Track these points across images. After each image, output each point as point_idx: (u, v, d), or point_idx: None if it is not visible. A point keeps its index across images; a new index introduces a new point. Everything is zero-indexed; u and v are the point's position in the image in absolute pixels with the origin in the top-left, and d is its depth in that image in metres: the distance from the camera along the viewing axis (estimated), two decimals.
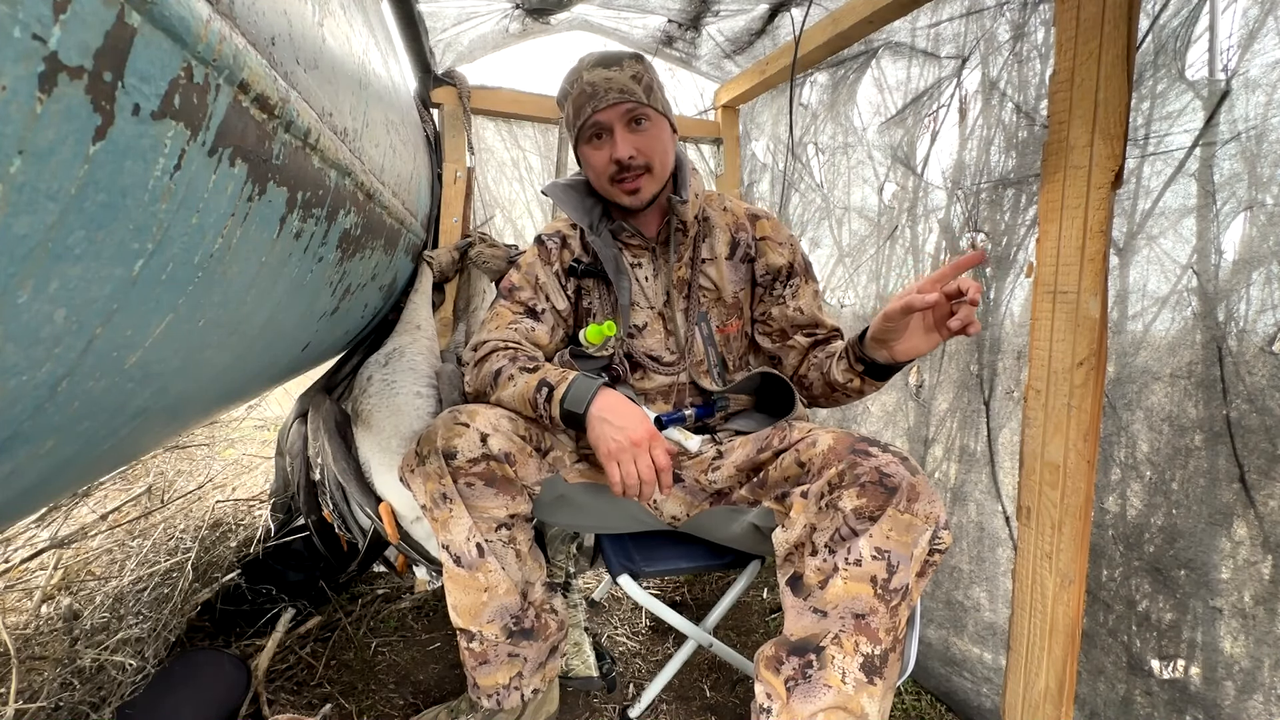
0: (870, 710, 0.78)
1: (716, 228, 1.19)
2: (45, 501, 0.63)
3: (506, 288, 1.19)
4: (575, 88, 1.05)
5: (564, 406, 0.95)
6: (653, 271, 1.18)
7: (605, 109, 1.02)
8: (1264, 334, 0.81)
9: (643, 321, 1.18)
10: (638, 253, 1.18)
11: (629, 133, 1.04)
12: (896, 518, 0.78)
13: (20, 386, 0.39)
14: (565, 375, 0.99)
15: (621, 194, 1.08)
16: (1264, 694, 0.82)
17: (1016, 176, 1.12)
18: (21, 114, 0.29)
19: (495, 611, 0.98)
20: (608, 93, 1.02)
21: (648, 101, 1.04)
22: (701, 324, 1.17)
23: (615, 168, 1.05)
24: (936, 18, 1.29)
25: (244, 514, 1.60)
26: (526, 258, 1.21)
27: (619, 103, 1.02)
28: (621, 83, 1.03)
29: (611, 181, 1.07)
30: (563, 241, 1.21)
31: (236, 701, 1.07)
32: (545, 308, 1.17)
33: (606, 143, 1.05)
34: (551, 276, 1.19)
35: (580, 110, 1.04)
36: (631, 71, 1.04)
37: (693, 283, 1.17)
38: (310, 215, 0.69)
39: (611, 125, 1.03)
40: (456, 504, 0.94)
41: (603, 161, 1.06)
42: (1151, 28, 0.93)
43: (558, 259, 1.20)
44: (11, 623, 1.07)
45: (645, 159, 1.05)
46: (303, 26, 0.62)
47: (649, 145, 1.05)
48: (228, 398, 0.88)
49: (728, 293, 1.17)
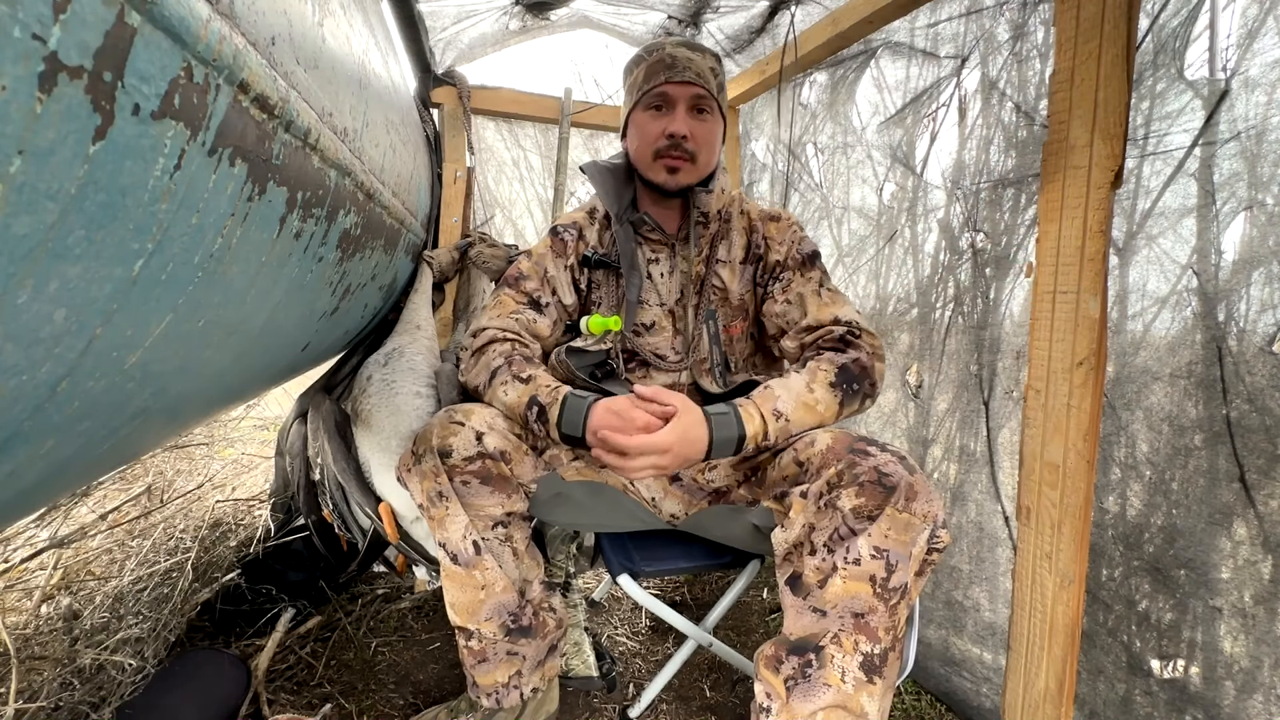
0: (870, 709, 0.78)
1: (734, 231, 1.18)
2: (45, 501, 0.63)
3: (513, 275, 1.18)
4: (653, 56, 1.06)
5: (562, 431, 0.94)
6: (669, 268, 1.18)
7: (678, 83, 1.04)
8: (1264, 334, 0.81)
9: (650, 320, 1.18)
10: (656, 248, 1.18)
11: (690, 116, 1.05)
12: (895, 517, 0.78)
13: (20, 386, 0.39)
14: (556, 394, 0.96)
15: (661, 169, 1.07)
16: (1264, 694, 0.82)
17: (1016, 176, 1.12)
18: (21, 114, 0.29)
19: (493, 609, 0.98)
20: (685, 69, 1.04)
21: (716, 96, 1.07)
22: (709, 322, 1.16)
23: (666, 141, 1.05)
24: (936, 17, 1.29)
25: (244, 514, 1.60)
26: (539, 248, 1.20)
27: (692, 83, 1.04)
28: (700, 67, 1.05)
29: (656, 155, 1.07)
30: (579, 233, 1.20)
31: (236, 701, 1.07)
32: (550, 302, 1.16)
33: (666, 115, 1.06)
34: (562, 271, 1.18)
35: (652, 76, 1.05)
36: (711, 63, 1.07)
37: (706, 280, 1.16)
38: (310, 215, 0.69)
39: (676, 101, 1.05)
40: (452, 502, 0.94)
41: (656, 131, 1.06)
42: (1151, 27, 0.93)
43: (573, 251, 1.19)
44: (11, 623, 1.06)
45: (695, 146, 1.06)
46: (303, 26, 0.62)
47: (703, 135, 1.06)
48: (227, 398, 0.88)
49: (734, 295, 1.17)
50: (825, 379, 0.97)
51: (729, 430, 0.92)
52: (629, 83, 1.12)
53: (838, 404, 0.97)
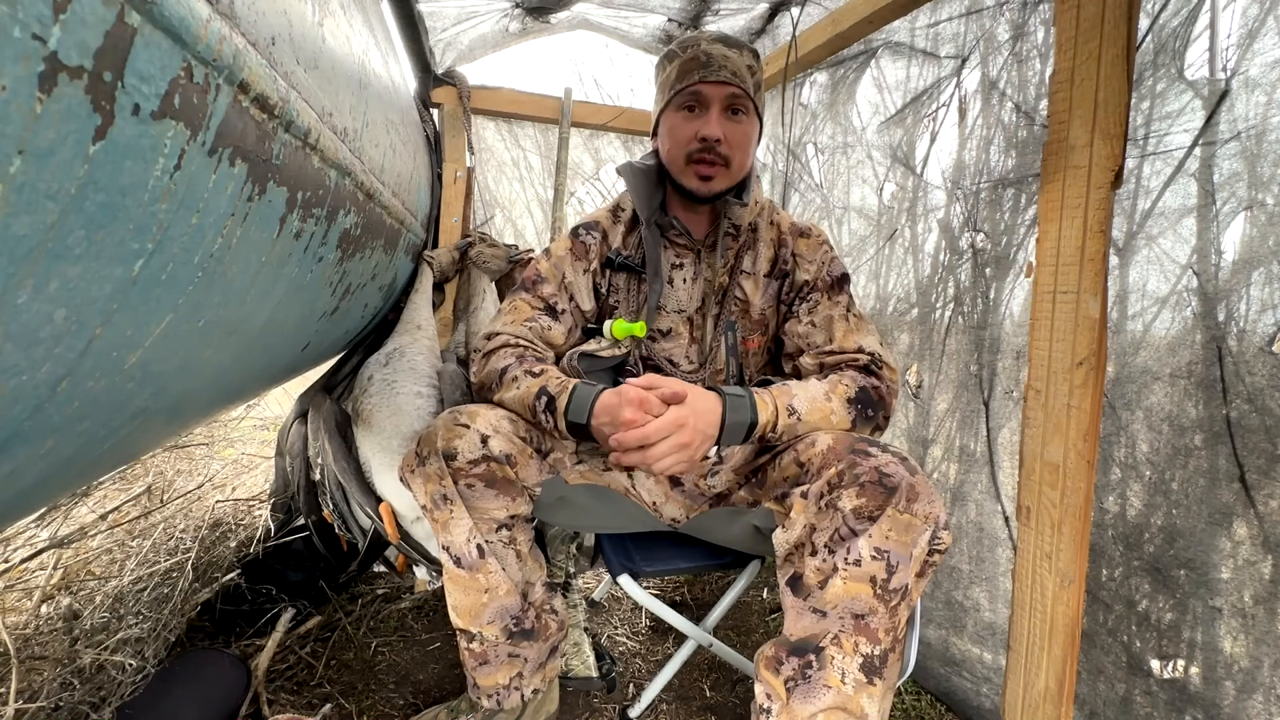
0: (870, 710, 0.78)
1: (761, 243, 1.15)
2: (45, 501, 0.63)
3: (531, 278, 1.15)
4: (688, 53, 1.01)
5: (568, 418, 0.94)
6: (693, 274, 1.15)
7: (713, 82, 0.99)
8: (1264, 334, 0.81)
9: (667, 327, 1.16)
10: (682, 253, 1.15)
11: (725, 118, 1.01)
12: (896, 518, 0.78)
13: (20, 386, 0.39)
14: (565, 384, 0.96)
15: (693, 175, 1.04)
16: (1264, 694, 0.82)
17: (1016, 176, 1.12)
18: (21, 114, 0.29)
19: (495, 612, 0.98)
20: (721, 68, 0.99)
21: (752, 95, 1.02)
22: (729, 333, 1.14)
23: (698, 145, 1.01)
24: (936, 17, 1.29)
25: (244, 514, 1.60)
26: (558, 249, 1.17)
27: (728, 83, 0.99)
28: (737, 66, 1.00)
29: (689, 160, 1.03)
30: (603, 236, 1.17)
31: (236, 701, 1.07)
32: (567, 308, 1.14)
33: (699, 117, 1.01)
34: (581, 275, 1.16)
35: (685, 74, 1.00)
36: (748, 61, 1.02)
37: (729, 291, 1.14)
38: (310, 215, 0.69)
39: (710, 102, 1.00)
40: (456, 505, 0.94)
41: (688, 134, 1.02)
42: (1151, 27, 0.93)
43: (596, 255, 1.16)
44: (11, 623, 1.06)
45: (729, 150, 1.02)
46: (303, 26, 0.62)
47: (738, 138, 1.02)
48: (228, 398, 0.88)
49: (755, 309, 1.14)
50: (844, 394, 0.96)
51: (742, 414, 0.91)
52: (661, 79, 1.07)
53: (850, 421, 0.96)
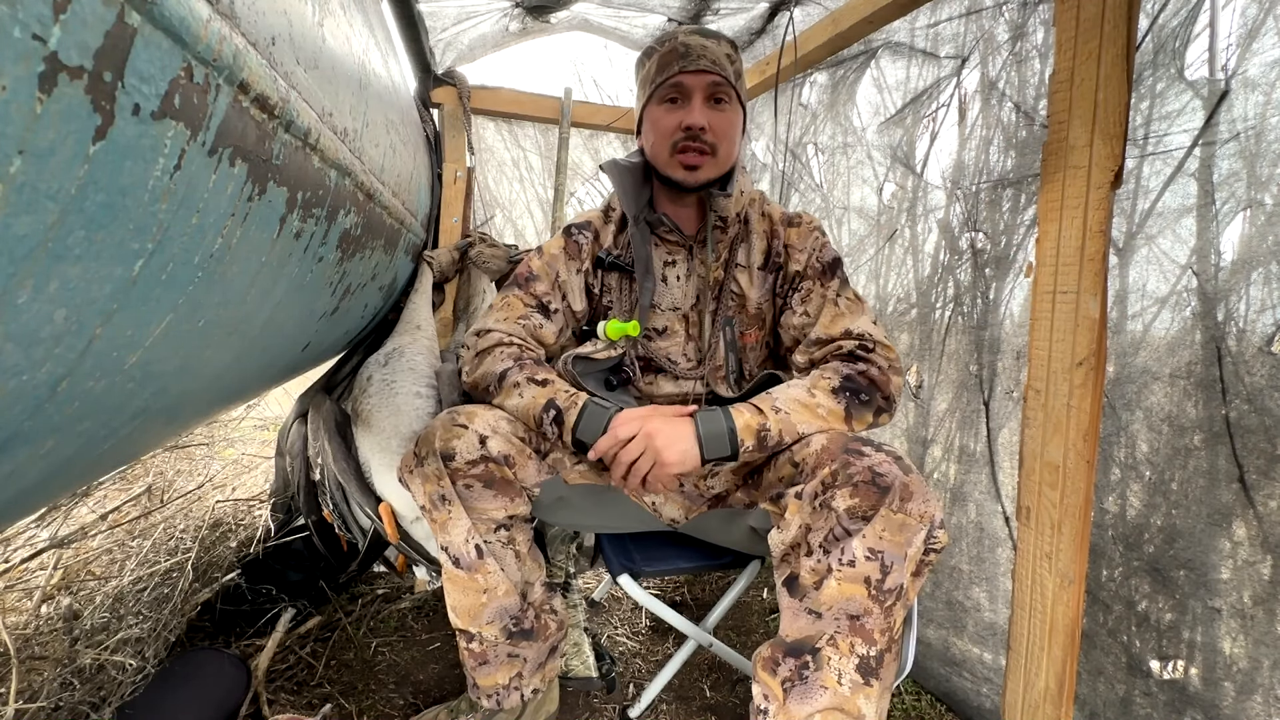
0: (867, 711, 0.78)
1: (754, 234, 1.14)
2: (45, 501, 0.63)
3: (524, 275, 1.14)
4: (666, 46, 1.01)
5: (576, 436, 0.94)
6: (686, 271, 1.14)
7: (693, 72, 0.99)
8: (1263, 334, 0.81)
9: (662, 325, 1.15)
10: (673, 249, 1.14)
11: (708, 106, 1.01)
12: (889, 518, 0.78)
13: (20, 386, 0.39)
14: (574, 400, 0.96)
15: (679, 166, 1.03)
16: (1263, 694, 0.82)
17: (1016, 176, 1.12)
18: (21, 114, 0.29)
19: (495, 612, 0.98)
20: (700, 58, 0.99)
21: (734, 83, 1.02)
22: (726, 329, 1.13)
23: (683, 135, 1.00)
24: (936, 18, 1.30)
25: (244, 514, 1.60)
26: (551, 247, 1.16)
27: (708, 71, 0.99)
28: (716, 55, 1.00)
29: (674, 151, 1.02)
30: (595, 235, 1.17)
31: (236, 701, 1.07)
32: (559, 307, 1.14)
33: (681, 107, 1.01)
34: (574, 275, 1.15)
35: (665, 67, 1.01)
36: (726, 50, 1.02)
37: (724, 286, 1.13)
38: (310, 215, 0.69)
39: (692, 91, 1.00)
40: (455, 505, 0.94)
41: (671, 125, 1.01)
42: (1151, 27, 0.93)
43: (588, 254, 1.16)
44: (11, 623, 1.07)
45: (714, 138, 1.01)
46: (303, 26, 0.62)
47: (723, 126, 1.02)
48: (228, 398, 0.88)
49: (752, 303, 1.14)
50: (827, 385, 0.96)
51: (716, 424, 0.92)
52: (641, 76, 1.07)
53: (843, 410, 0.95)
